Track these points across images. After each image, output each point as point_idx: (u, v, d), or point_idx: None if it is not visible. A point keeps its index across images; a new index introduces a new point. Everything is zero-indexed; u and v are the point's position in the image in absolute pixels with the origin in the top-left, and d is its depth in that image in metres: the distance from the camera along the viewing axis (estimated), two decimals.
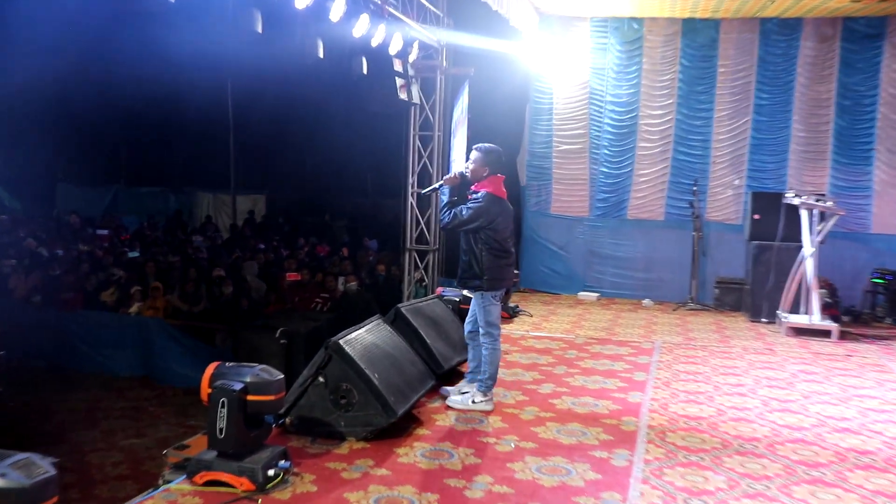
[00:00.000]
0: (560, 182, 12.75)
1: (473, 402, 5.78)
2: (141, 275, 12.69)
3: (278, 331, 8.62)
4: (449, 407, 5.81)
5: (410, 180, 10.55)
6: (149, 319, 11.02)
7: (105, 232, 16.96)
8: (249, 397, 4.28)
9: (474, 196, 5.74)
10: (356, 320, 6.04)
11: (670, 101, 11.98)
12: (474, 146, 6.03)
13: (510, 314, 10.08)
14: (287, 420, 5.12)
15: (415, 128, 10.77)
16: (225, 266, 12.92)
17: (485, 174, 5.77)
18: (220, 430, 4.21)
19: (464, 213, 5.65)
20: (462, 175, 5.87)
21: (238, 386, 4.25)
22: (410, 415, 5.46)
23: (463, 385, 6.04)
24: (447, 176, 5.86)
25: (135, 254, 14.08)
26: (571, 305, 11.54)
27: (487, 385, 5.82)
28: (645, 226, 12.23)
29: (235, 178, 22.08)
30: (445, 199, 5.73)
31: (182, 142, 22.78)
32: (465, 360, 6.87)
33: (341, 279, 11.05)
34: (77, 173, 23.54)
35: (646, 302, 11.71)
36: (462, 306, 7.84)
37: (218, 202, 22.76)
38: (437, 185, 5.91)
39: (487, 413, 5.73)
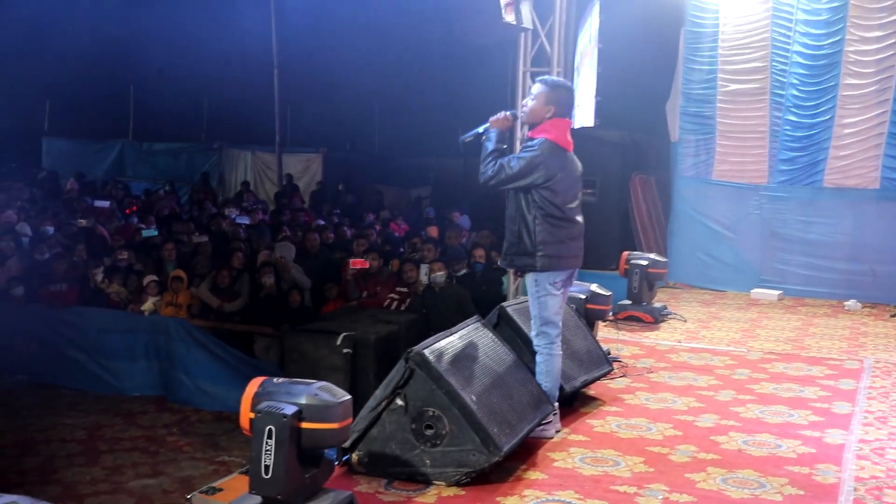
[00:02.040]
0: (728, 136, 12.56)
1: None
2: (157, 260, 13.05)
3: (340, 336, 8.75)
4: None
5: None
6: (168, 320, 11.36)
7: (105, 204, 17.49)
8: (305, 425, 4.33)
9: (529, 144, 5.72)
10: (445, 324, 6.05)
11: (894, 17, 11.55)
12: (537, 78, 5.99)
13: (655, 318, 10.03)
14: (354, 456, 5.19)
15: (525, 62, 10.73)
16: (271, 249, 13.18)
17: (547, 115, 5.74)
18: (266, 468, 4.29)
19: (513, 164, 5.61)
20: (515, 116, 5.84)
21: (290, 410, 4.31)
22: (519, 452, 5.47)
23: None
24: (495, 116, 5.81)
25: (151, 232, 14.51)
26: (742, 307, 11.38)
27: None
28: (851, 197, 11.91)
29: (282, 130, 22.47)
30: (491, 146, 5.70)
31: (208, 83, 23.30)
32: (596, 379, 6.91)
33: (424, 268, 11.10)
34: (69, 124, 24.37)
35: (850, 304, 11.43)
36: (590, 306, 7.81)
37: (258, 163, 23.21)
38: (480, 129, 5.85)
39: (549, 437, 5.73)
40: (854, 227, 11.91)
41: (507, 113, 5.82)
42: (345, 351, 8.81)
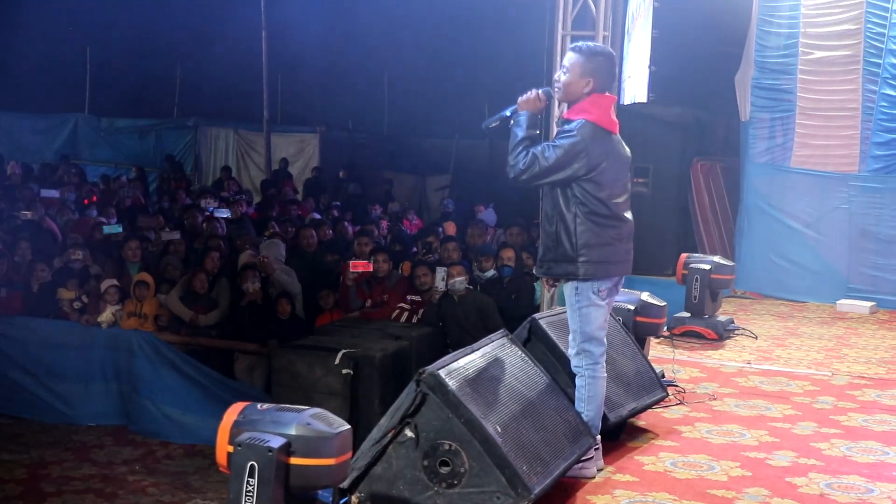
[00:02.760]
0: (810, 115, 12.54)
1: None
2: (118, 262, 13.07)
3: (339, 354, 8.76)
4: None
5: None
6: (131, 334, 11.36)
7: (55, 193, 17.52)
8: (294, 460, 4.35)
9: (566, 128, 5.68)
10: (466, 339, 6.06)
11: None
12: (570, 46, 5.94)
13: (719, 334, 9.98)
14: (354, 499, 5.19)
15: (565, 25, 10.74)
16: (255, 248, 13.20)
17: (585, 90, 5.70)
18: None
19: (548, 154, 5.55)
20: (548, 94, 5.81)
21: (277, 442, 4.33)
22: (553, 495, 5.45)
23: None
24: (524, 96, 5.76)
25: (115, 228, 14.54)
26: (825, 321, 11.34)
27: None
28: None
29: (271, 105, 22.50)
30: (521, 133, 5.65)
31: (182, 47, 23.31)
32: (646, 407, 6.91)
33: (441, 272, 11.11)
34: (10, 94, 24.26)
35: None
36: (640, 319, 7.78)
37: (242, 145, 23.24)
38: (507, 112, 5.80)
39: (590, 476, 5.78)
40: None
41: (539, 91, 5.75)
42: (344, 372, 8.82)
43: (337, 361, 8.83)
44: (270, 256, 12.37)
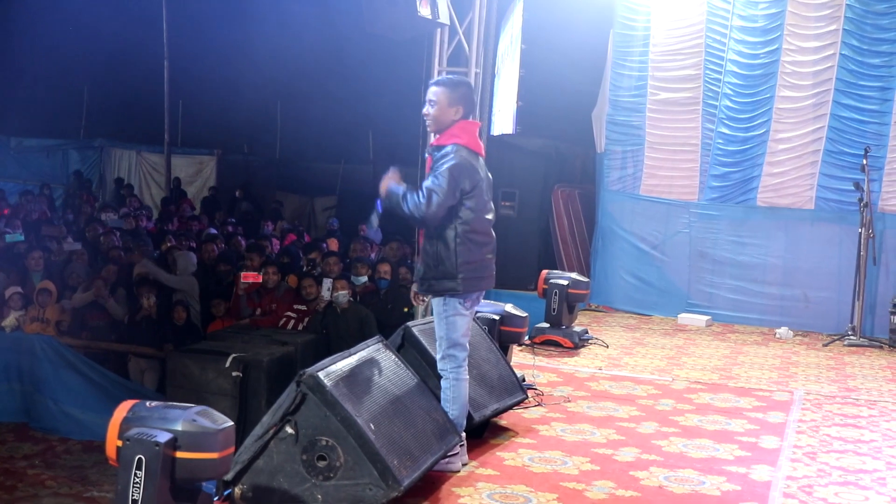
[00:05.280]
0: (657, 149, 12.73)
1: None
2: (22, 270, 12.75)
3: (229, 358, 8.66)
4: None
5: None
6: (33, 338, 11.07)
7: None
8: (179, 454, 4.27)
9: (441, 153, 5.65)
10: (345, 345, 6.01)
11: (832, 27, 11.86)
12: (432, 81, 5.95)
13: (574, 343, 10.08)
14: (237, 490, 5.11)
15: (441, 61, 10.75)
16: (154, 258, 12.97)
17: (455, 117, 5.71)
18: (134, 503, 4.21)
19: (440, 181, 5.50)
20: (396, 168, 5.77)
21: (163, 437, 4.24)
22: (421, 487, 5.44)
23: None
24: (382, 182, 5.70)
25: (16, 236, 14.16)
26: (668, 333, 11.52)
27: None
28: (784, 217, 12.15)
29: (171, 128, 22.19)
30: (399, 190, 5.59)
31: (89, 72, 22.85)
32: (508, 407, 6.93)
33: (326, 283, 11.05)
34: None
35: (781, 332, 11.63)
36: (504, 328, 7.82)
37: (144, 165, 22.91)
38: (379, 207, 5.81)
39: (455, 470, 5.82)
40: (787, 250, 12.14)
41: (390, 171, 5.74)
42: (234, 374, 8.74)
43: (227, 364, 8.75)
44: (184, 266, 12.36)
